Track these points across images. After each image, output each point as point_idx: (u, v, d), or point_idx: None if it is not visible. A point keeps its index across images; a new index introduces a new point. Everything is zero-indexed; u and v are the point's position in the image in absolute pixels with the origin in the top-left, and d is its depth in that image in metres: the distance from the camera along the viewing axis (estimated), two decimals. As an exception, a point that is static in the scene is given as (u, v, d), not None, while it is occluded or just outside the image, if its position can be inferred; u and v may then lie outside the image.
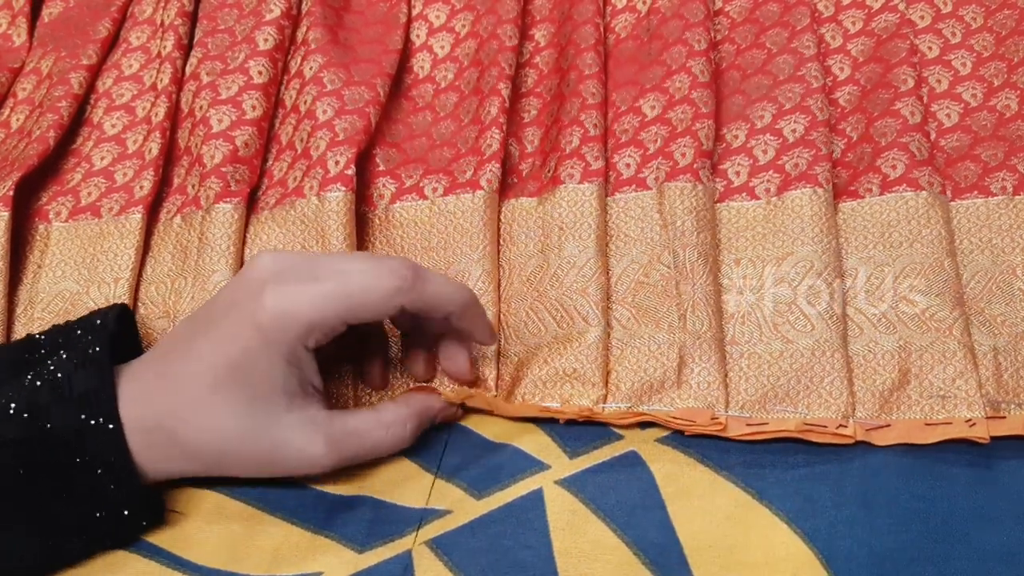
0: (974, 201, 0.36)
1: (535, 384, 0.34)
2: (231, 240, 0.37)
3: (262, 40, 0.42)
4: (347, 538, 0.32)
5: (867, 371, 0.33)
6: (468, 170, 0.38)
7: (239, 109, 0.40)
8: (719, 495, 0.31)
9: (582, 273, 0.35)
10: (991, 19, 0.40)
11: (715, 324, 0.34)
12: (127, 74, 0.44)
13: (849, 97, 0.39)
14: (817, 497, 0.31)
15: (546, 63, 0.42)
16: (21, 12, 0.47)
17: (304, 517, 0.32)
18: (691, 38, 0.40)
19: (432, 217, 0.38)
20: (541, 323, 0.35)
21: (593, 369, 0.34)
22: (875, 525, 0.30)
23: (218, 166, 0.38)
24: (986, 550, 0.30)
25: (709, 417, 0.32)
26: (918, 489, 0.31)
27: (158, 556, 0.31)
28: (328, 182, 0.37)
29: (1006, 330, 0.33)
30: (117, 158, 0.41)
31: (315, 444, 0.30)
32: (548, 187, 0.38)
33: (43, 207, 0.40)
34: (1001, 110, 0.38)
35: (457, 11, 0.44)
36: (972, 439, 0.31)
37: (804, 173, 0.36)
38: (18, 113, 0.43)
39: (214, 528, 0.32)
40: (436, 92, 0.43)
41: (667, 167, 0.37)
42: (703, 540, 0.31)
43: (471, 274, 0.36)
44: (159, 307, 0.37)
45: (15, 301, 0.38)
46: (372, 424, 0.32)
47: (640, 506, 0.31)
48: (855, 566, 0.29)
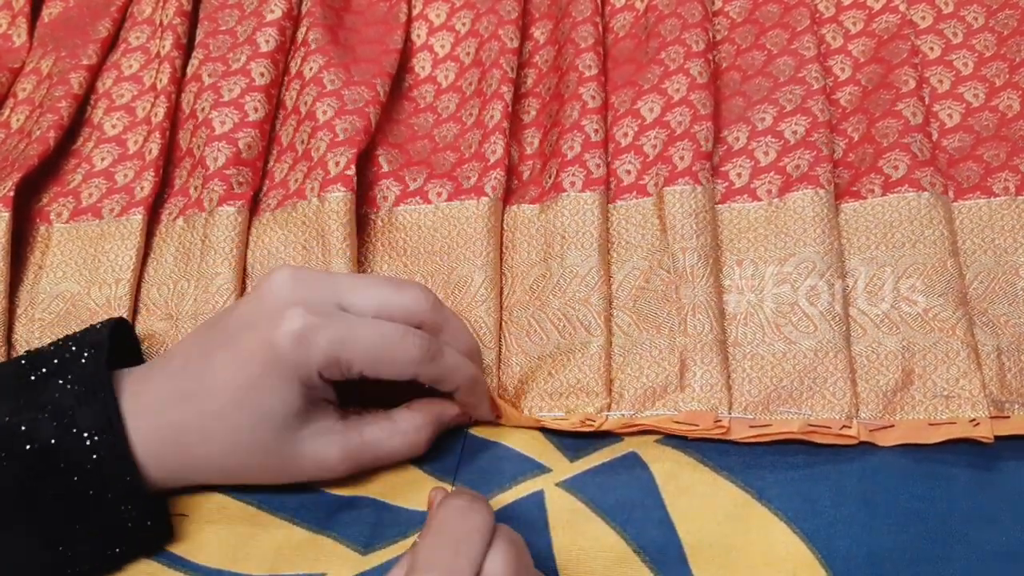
0: (976, 201, 0.36)
1: (541, 397, 0.34)
2: (234, 243, 0.37)
3: (264, 41, 0.42)
4: (350, 539, 0.32)
5: (870, 371, 0.33)
6: (472, 176, 0.38)
7: (241, 111, 0.40)
8: (719, 494, 0.32)
9: (584, 282, 0.35)
10: (992, 19, 0.40)
11: (717, 327, 0.34)
12: (127, 74, 0.44)
13: (850, 98, 0.39)
14: (816, 497, 0.31)
15: (545, 61, 0.42)
16: (21, 12, 0.47)
17: (306, 517, 0.32)
18: (689, 39, 0.40)
19: (436, 222, 0.38)
20: (544, 333, 0.35)
21: (596, 379, 0.34)
22: (874, 525, 0.30)
23: (221, 169, 0.38)
24: (985, 550, 0.30)
25: (712, 420, 0.32)
26: (917, 489, 0.31)
27: (160, 556, 0.32)
28: (328, 183, 0.37)
29: (1009, 330, 0.33)
30: (118, 159, 0.41)
31: (331, 454, 0.31)
32: (550, 194, 0.38)
33: (44, 208, 0.40)
34: (1003, 110, 0.38)
35: (457, 9, 0.44)
36: (976, 439, 0.31)
37: (805, 174, 0.36)
38: (18, 113, 0.43)
39: (216, 528, 0.32)
40: (437, 93, 0.43)
41: (666, 172, 0.37)
42: (703, 539, 0.31)
43: (473, 280, 0.36)
44: (161, 309, 0.37)
45: (16, 302, 0.38)
46: (388, 432, 0.32)
47: (640, 505, 0.31)
48: (854, 566, 0.30)
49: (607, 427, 0.33)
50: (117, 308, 0.37)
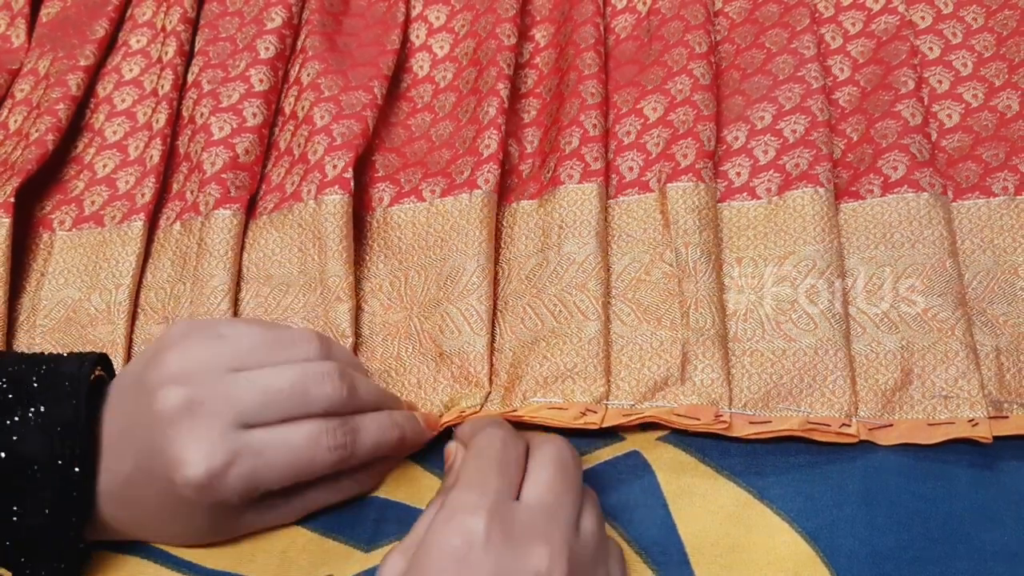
0: (976, 201, 0.36)
1: (536, 382, 0.34)
2: (229, 246, 0.37)
3: (263, 48, 0.42)
4: (354, 539, 0.32)
5: (870, 370, 0.33)
6: (466, 171, 0.38)
7: (240, 116, 0.40)
8: (720, 494, 0.32)
9: (582, 269, 0.35)
10: (992, 19, 0.40)
11: (719, 321, 0.34)
12: (127, 78, 0.44)
13: (849, 98, 0.39)
14: (818, 496, 0.31)
15: (546, 63, 0.42)
16: (20, 13, 0.47)
17: (309, 519, 0.32)
18: (692, 40, 0.40)
19: (429, 218, 0.38)
20: (539, 318, 0.35)
21: (594, 365, 0.34)
22: (876, 524, 0.30)
23: (218, 173, 0.38)
24: (987, 550, 0.30)
25: (713, 414, 0.32)
26: (919, 489, 0.31)
27: (165, 560, 0.32)
28: (325, 186, 0.37)
29: (1008, 330, 0.33)
30: (119, 165, 0.41)
31: (279, 518, 0.31)
32: (548, 188, 0.38)
33: (47, 216, 0.41)
34: (1002, 110, 0.38)
35: (457, 11, 0.44)
36: (975, 439, 0.31)
37: (805, 173, 0.36)
38: (16, 115, 0.43)
39: (220, 532, 0.32)
40: (435, 92, 0.43)
41: (669, 169, 0.37)
42: (704, 539, 0.31)
43: (465, 269, 0.36)
44: (158, 312, 0.37)
45: (18, 309, 0.38)
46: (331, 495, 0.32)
47: (642, 505, 0.32)
48: (856, 565, 0.30)
49: (608, 421, 0.33)
50: (116, 313, 0.37)
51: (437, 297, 0.36)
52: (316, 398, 0.29)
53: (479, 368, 0.34)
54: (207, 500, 0.28)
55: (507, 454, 0.28)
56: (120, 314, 0.37)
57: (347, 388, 0.30)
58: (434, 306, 0.36)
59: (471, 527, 0.25)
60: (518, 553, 0.25)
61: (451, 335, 0.35)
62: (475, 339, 0.35)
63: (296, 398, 0.29)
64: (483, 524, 0.25)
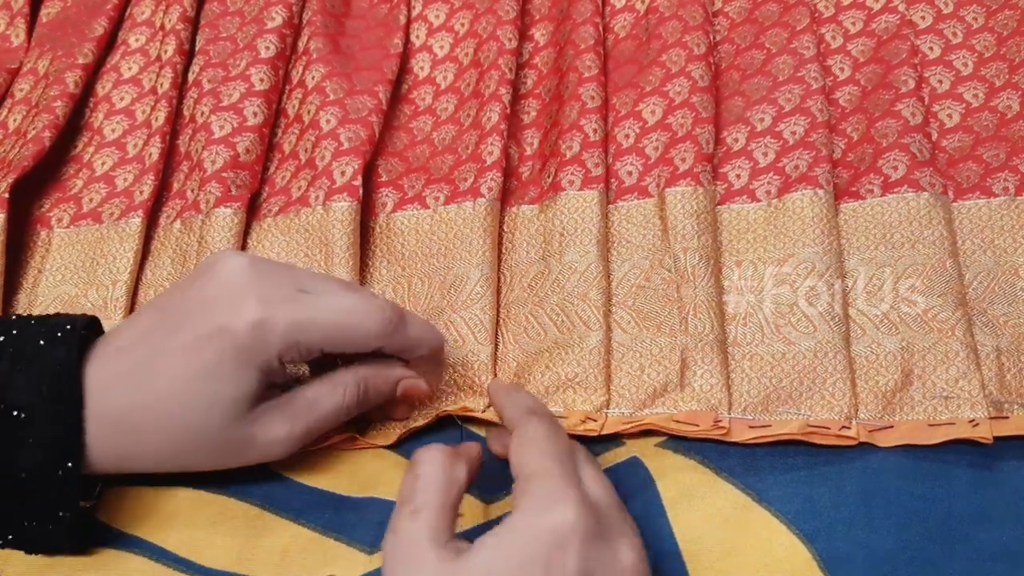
0: (976, 202, 0.36)
1: (538, 392, 0.34)
2: (230, 244, 0.37)
3: (264, 48, 0.42)
4: (356, 540, 0.32)
5: (870, 372, 0.33)
6: (469, 177, 0.38)
7: (240, 116, 0.40)
8: (719, 497, 0.32)
9: (583, 278, 0.35)
10: (992, 19, 0.40)
11: (717, 326, 0.34)
12: (126, 77, 0.44)
13: (849, 98, 0.39)
14: (816, 498, 0.31)
15: (545, 63, 0.42)
16: (20, 13, 0.47)
17: (311, 518, 0.32)
18: (691, 41, 0.40)
19: (433, 225, 0.38)
20: (542, 328, 0.35)
21: (595, 375, 0.34)
22: (874, 526, 0.30)
23: (219, 171, 0.38)
24: (986, 551, 0.30)
25: (712, 420, 0.32)
26: (918, 490, 0.31)
27: (164, 559, 0.32)
28: (334, 192, 0.37)
29: (1009, 330, 0.33)
30: (117, 163, 0.41)
31: (280, 430, 0.31)
32: (549, 194, 0.38)
33: (45, 214, 0.40)
34: (1003, 110, 0.38)
35: (456, 10, 0.44)
36: (975, 440, 0.31)
37: (804, 175, 0.36)
38: (15, 114, 0.43)
39: (220, 530, 0.32)
40: (436, 94, 0.43)
41: (667, 173, 0.37)
42: (702, 544, 0.31)
43: (469, 278, 0.36)
44: None
45: (15, 305, 0.38)
46: (328, 388, 0.32)
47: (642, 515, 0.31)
48: (853, 567, 0.29)
49: (608, 428, 0.33)
50: (114, 309, 0.37)
51: (440, 305, 0.36)
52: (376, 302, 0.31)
53: (483, 378, 0.34)
54: (252, 345, 0.29)
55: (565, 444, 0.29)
56: (117, 310, 0.37)
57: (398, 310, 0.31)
58: (437, 314, 0.36)
59: (567, 517, 0.26)
60: (609, 547, 0.26)
61: (455, 344, 0.35)
62: (479, 349, 0.35)
63: (357, 294, 0.31)
64: (577, 516, 0.26)
